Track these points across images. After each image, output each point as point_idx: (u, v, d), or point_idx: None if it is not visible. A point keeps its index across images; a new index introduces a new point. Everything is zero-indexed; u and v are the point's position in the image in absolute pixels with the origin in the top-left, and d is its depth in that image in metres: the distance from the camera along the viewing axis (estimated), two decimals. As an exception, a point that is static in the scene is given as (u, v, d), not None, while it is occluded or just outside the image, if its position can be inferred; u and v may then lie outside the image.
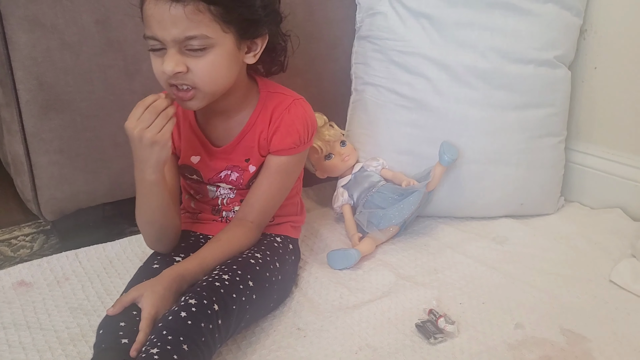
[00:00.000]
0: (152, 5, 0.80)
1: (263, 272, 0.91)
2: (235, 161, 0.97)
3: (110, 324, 0.78)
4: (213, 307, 0.78)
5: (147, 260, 0.95)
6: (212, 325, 0.76)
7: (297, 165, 0.99)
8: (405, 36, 1.21)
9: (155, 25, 0.81)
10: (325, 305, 0.98)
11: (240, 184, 0.99)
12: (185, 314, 0.75)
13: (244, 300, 0.84)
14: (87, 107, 1.08)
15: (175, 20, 0.80)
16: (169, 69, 0.82)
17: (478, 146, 1.19)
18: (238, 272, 0.86)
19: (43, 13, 1.00)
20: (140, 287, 0.80)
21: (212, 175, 0.99)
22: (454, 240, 1.19)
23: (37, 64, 1.02)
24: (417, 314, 0.94)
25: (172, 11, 0.79)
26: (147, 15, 0.82)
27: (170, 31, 0.80)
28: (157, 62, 0.85)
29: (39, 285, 1.04)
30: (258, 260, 0.92)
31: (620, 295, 0.99)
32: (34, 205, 1.11)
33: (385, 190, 1.19)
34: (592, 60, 1.28)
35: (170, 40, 0.81)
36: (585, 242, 1.16)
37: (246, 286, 0.85)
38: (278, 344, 0.89)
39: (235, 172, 0.98)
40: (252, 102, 0.96)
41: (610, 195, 1.29)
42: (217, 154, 0.97)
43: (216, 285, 0.82)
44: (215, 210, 1.04)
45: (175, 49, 0.82)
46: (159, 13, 0.80)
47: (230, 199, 1.02)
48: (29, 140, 1.05)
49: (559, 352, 0.85)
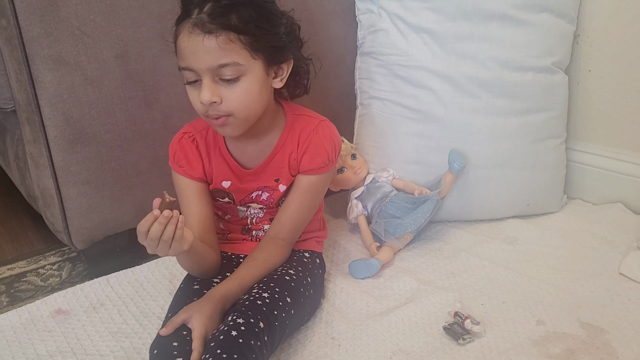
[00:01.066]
0: (186, 38, 0.86)
1: (297, 287, 0.96)
2: (266, 182, 1.02)
3: (163, 344, 0.82)
4: (259, 325, 0.83)
5: (186, 281, 1.00)
6: (259, 342, 0.81)
7: (325, 183, 1.04)
8: (408, 51, 1.26)
9: (189, 56, 0.87)
10: (354, 314, 1.03)
11: (270, 203, 1.04)
12: (235, 332, 0.80)
13: (284, 316, 0.89)
14: (111, 138, 1.12)
15: (208, 50, 0.85)
16: (205, 98, 0.87)
17: (484, 152, 1.25)
18: (276, 289, 0.91)
19: (66, 51, 1.04)
20: (189, 309, 0.85)
21: (244, 197, 1.04)
22: (466, 243, 1.24)
23: (62, 101, 1.06)
24: (443, 316, 1.00)
25: (205, 42, 0.85)
26: (181, 47, 0.87)
27: (204, 60, 0.86)
28: (194, 94, 0.90)
29: (76, 313, 1.08)
30: (292, 277, 0.97)
31: (631, 287, 1.05)
32: (65, 236, 1.15)
33: (398, 199, 1.24)
34: (586, 63, 1.34)
35: (205, 69, 0.86)
36: (591, 238, 1.22)
37: (285, 302, 0.90)
38: (315, 354, 0.94)
39: (266, 192, 1.03)
40: (280, 125, 1.01)
41: (610, 190, 1.36)
42: (248, 176, 1.02)
43: (258, 304, 0.87)
44: (245, 230, 1.09)
45: (209, 78, 0.87)
46: (193, 45, 0.86)
47: (260, 218, 1.07)
48: (58, 173, 1.09)
49: (581, 344, 0.91)
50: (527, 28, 1.22)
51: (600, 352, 0.89)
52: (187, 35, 0.86)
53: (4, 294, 1.20)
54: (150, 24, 1.11)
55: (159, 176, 1.20)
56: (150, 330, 1.02)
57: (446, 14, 1.22)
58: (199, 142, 1.01)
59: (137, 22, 1.09)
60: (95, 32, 1.05)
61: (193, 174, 1.01)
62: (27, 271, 1.29)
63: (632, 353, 0.88)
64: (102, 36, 1.07)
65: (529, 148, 1.26)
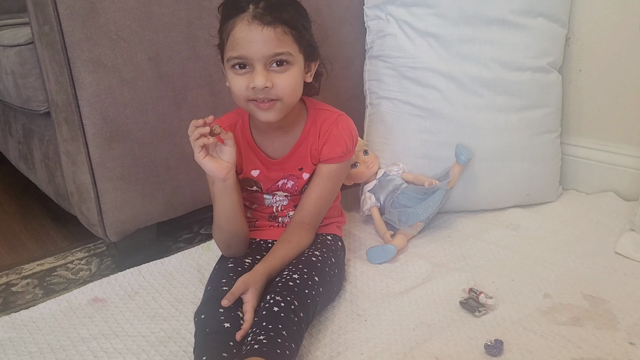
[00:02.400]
0: (245, 29, 0.94)
1: (323, 267, 1.05)
2: (291, 170, 1.11)
3: (210, 310, 0.91)
4: (294, 303, 0.92)
5: (220, 261, 1.09)
6: (297, 317, 0.90)
7: (344, 171, 1.13)
8: (415, 53, 1.36)
9: (246, 45, 0.95)
10: (376, 294, 1.11)
11: (295, 190, 1.12)
12: (277, 308, 0.89)
13: (314, 294, 0.97)
14: (143, 136, 1.20)
15: (267, 39, 0.94)
16: (260, 83, 0.95)
17: (487, 146, 1.34)
18: (305, 270, 1.00)
19: (104, 55, 1.11)
20: (247, 282, 0.94)
21: (271, 185, 1.12)
22: (473, 230, 1.34)
23: (100, 101, 1.13)
24: (458, 293, 1.08)
25: (264, 32, 0.94)
26: (237, 37, 0.95)
27: (261, 49, 0.94)
28: (240, 81, 0.98)
29: (113, 300, 1.15)
30: (318, 258, 1.06)
31: (626, 264, 1.15)
32: (100, 229, 1.22)
33: (409, 191, 1.33)
34: (577, 64, 1.45)
35: (261, 57, 0.95)
36: (587, 223, 1.32)
37: (314, 281, 0.99)
38: (344, 328, 1.01)
39: (291, 180, 1.11)
40: (303, 118, 1.10)
41: (602, 180, 1.46)
42: (275, 166, 1.10)
43: (290, 285, 0.95)
44: (272, 217, 1.17)
45: (262, 66, 0.95)
46: (252, 35, 0.94)
47: (284, 205, 1.16)
48: (95, 169, 1.16)
49: (585, 312, 1.00)
50: (524, 31, 1.32)
51: (602, 318, 0.98)
52: (247, 26, 0.94)
53: (37, 287, 1.27)
54: (180, 29, 1.19)
55: (186, 172, 1.28)
56: (186, 314, 1.08)
57: (450, 19, 1.32)
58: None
59: (168, 28, 1.18)
60: (130, 36, 1.13)
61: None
62: (57, 266, 1.36)
63: (631, 318, 0.98)
64: (136, 40, 1.14)
65: (528, 142, 1.36)
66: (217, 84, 1.26)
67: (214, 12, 1.12)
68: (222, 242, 1.08)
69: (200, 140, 0.94)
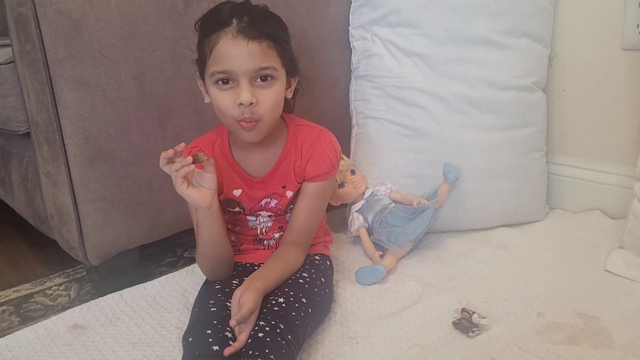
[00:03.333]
0: (229, 43, 0.93)
1: (312, 288, 1.02)
2: (273, 189, 1.08)
3: (198, 333, 0.88)
4: (280, 326, 0.89)
5: (207, 283, 1.06)
6: (284, 340, 0.87)
7: (330, 188, 1.12)
8: (401, 73, 1.36)
9: (231, 59, 0.93)
10: (367, 315, 1.09)
11: (279, 209, 1.10)
12: (262, 334, 0.87)
13: (302, 315, 0.95)
14: (126, 156, 1.17)
15: (252, 53, 0.93)
16: (246, 99, 0.93)
17: (474, 165, 1.34)
18: (291, 293, 0.98)
19: (88, 73, 1.09)
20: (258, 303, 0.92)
21: (254, 205, 1.09)
22: (462, 250, 1.32)
23: (83, 120, 1.10)
24: (450, 313, 1.06)
25: (249, 46, 0.92)
26: (221, 52, 0.93)
27: (247, 63, 0.93)
28: (226, 97, 0.95)
29: (93, 326, 1.10)
30: (306, 279, 1.04)
31: (617, 281, 1.14)
32: (80, 252, 1.18)
33: (397, 210, 1.32)
34: (560, 84, 1.47)
35: (246, 71, 0.93)
36: (577, 241, 1.32)
37: (301, 303, 0.97)
38: (335, 352, 0.98)
39: (274, 199, 1.09)
40: (283, 135, 1.08)
41: (587, 199, 1.46)
42: (256, 184, 1.07)
43: (276, 310, 0.93)
44: (257, 240, 1.14)
45: (247, 81, 0.93)
46: (237, 49, 0.92)
47: (269, 227, 1.13)
48: (77, 190, 1.13)
49: (580, 331, 0.99)
50: (508, 51, 1.33)
51: (597, 337, 0.97)
52: (232, 40, 0.92)
53: (13, 314, 1.22)
54: (165, 48, 1.18)
55: (170, 193, 1.24)
56: (170, 340, 1.05)
57: (435, 40, 1.33)
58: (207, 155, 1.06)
59: (152, 46, 1.16)
60: (114, 55, 1.12)
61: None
62: (34, 292, 1.31)
63: (627, 336, 0.97)
64: (121, 59, 1.13)
65: (515, 160, 1.36)
66: (202, 103, 1.23)
67: (200, 30, 1.11)
68: (206, 268, 1.06)
69: (182, 170, 0.89)
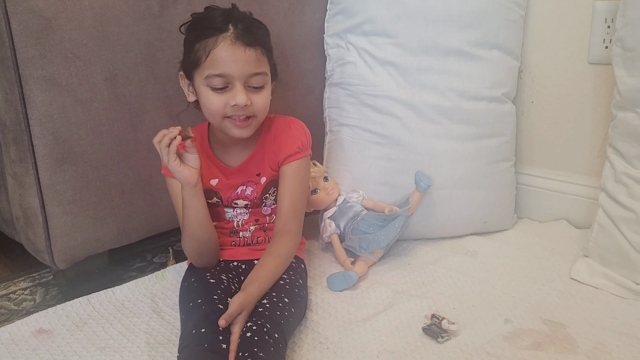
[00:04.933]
0: (228, 48, 0.99)
1: (292, 289, 1.05)
2: (249, 176, 1.13)
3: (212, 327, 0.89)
4: (267, 325, 0.91)
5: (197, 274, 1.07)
6: (272, 339, 0.89)
7: (306, 169, 1.17)
8: (375, 82, 1.38)
9: (229, 64, 0.99)
10: (338, 321, 1.09)
11: (254, 198, 1.13)
12: (250, 334, 0.88)
13: (286, 315, 0.97)
14: (97, 158, 1.16)
15: (249, 59, 1.00)
16: (242, 101, 1.00)
17: (445, 173, 1.36)
18: (273, 294, 1.01)
19: (58, 73, 1.08)
20: (243, 305, 0.93)
21: (230, 193, 1.12)
22: (432, 257, 1.34)
23: (52, 120, 1.09)
24: (420, 319, 1.07)
25: (247, 52, 1.00)
26: (220, 56, 0.99)
27: (243, 68, 1.00)
28: (218, 98, 1.02)
29: (59, 331, 1.08)
30: (286, 281, 1.06)
31: (582, 289, 1.17)
32: (47, 255, 1.15)
33: (369, 217, 1.33)
34: (529, 95, 1.50)
35: (242, 75, 1.00)
36: (543, 250, 1.34)
37: (284, 303, 0.99)
38: (305, 357, 0.98)
39: (250, 187, 1.13)
40: (259, 128, 1.12)
41: (554, 209, 1.50)
42: (233, 173, 1.12)
43: (260, 310, 0.95)
44: (233, 232, 1.16)
45: (242, 85, 1.00)
46: (235, 54, 0.99)
47: (245, 220, 1.16)
48: (44, 192, 1.11)
49: (545, 337, 1.01)
50: (480, 62, 1.36)
51: (562, 342, 0.99)
52: (230, 46, 0.98)
53: (-25, 319, 1.18)
54: (139, 50, 1.17)
55: (141, 197, 1.23)
56: (139, 345, 1.03)
57: (409, 49, 1.35)
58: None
59: (126, 48, 1.15)
60: (86, 55, 1.10)
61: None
62: (-3, 296, 1.28)
63: (590, 342, 0.99)
64: (93, 60, 1.11)
65: (484, 170, 1.39)
66: (176, 106, 1.23)
67: (176, 34, 1.11)
68: (194, 251, 1.08)
69: (174, 144, 0.95)
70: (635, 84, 1.14)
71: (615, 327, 1.03)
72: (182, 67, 1.07)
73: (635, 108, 1.14)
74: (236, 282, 1.08)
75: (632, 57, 1.14)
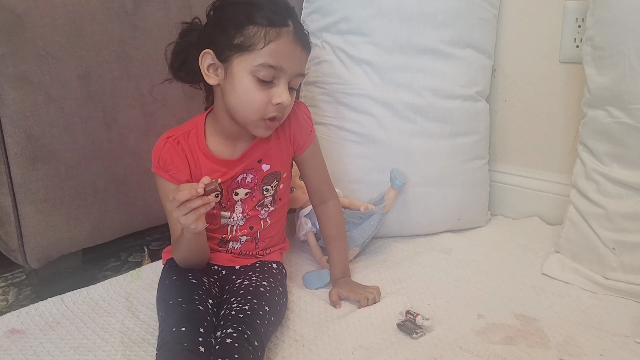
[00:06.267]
0: (288, 43, 0.95)
1: (272, 296, 1.04)
2: (250, 164, 1.08)
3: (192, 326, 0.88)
4: (247, 332, 0.90)
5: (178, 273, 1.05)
6: (251, 346, 0.89)
7: (318, 144, 1.19)
8: (350, 80, 1.38)
9: (287, 59, 0.96)
10: (314, 319, 1.09)
11: (255, 185, 1.09)
12: (229, 340, 0.88)
13: (266, 323, 0.97)
14: (70, 157, 1.15)
15: (302, 59, 0.99)
16: (288, 100, 0.97)
17: (420, 171, 1.37)
18: (254, 301, 1.00)
19: (30, 71, 1.07)
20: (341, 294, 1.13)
21: (231, 183, 1.08)
22: (407, 254, 1.35)
23: (25, 118, 1.07)
24: (395, 316, 1.08)
25: (302, 53, 0.99)
26: (281, 49, 0.95)
27: (296, 66, 0.98)
28: (262, 94, 0.96)
29: (32, 331, 1.07)
30: (266, 288, 1.05)
31: (553, 284, 1.19)
32: (20, 254, 1.14)
33: (345, 216, 1.32)
34: (502, 94, 1.53)
35: (292, 73, 0.97)
36: (515, 246, 1.37)
37: (264, 311, 0.98)
38: (281, 355, 0.99)
39: (250, 174, 1.09)
40: None
41: (527, 206, 1.52)
42: (234, 163, 1.07)
43: (241, 317, 0.95)
44: (222, 242, 1.13)
45: (286, 82, 0.97)
46: (293, 51, 0.96)
47: (240, 226, 1.12)
48: (17, 190, 1.10)
49: (517, 332, 1.03)
50: (454, 61, 1.37)
51: (534, 336, 1.01)
52: (292, 42, 0.96)
53: (-54, 320, 1.16)
54: (112, 48, 1.16)
55: (115, 196, 1.23)
56: (113, 344, 1.03)
57: (384, 48, 1.36)
58: (183, 145, 1.04)
59: (99, 46, 1.14)
60: (59, 53, 1.09)
61: (180, 178, 1.03)
62: (-31, 297, 1.26)
63: (560, 336, 1.01)
64: (65, 57, 1.10)
65: (458, 167, 1.40)
66: (150, 105, 1.23)
67: (149, 32, 1.11)
68: (184, 265, 1.07)
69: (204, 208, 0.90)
70: (604, 82, 1.16)
71: (585, 321, 1.06)
72: (211, 43, 0.97)
73: (605, 106, 1.17)
74: (216, 286, 1.06)
75: (601, 56, 1.16)
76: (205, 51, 0.97)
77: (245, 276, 1.08)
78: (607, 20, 1.14)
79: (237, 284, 1.06)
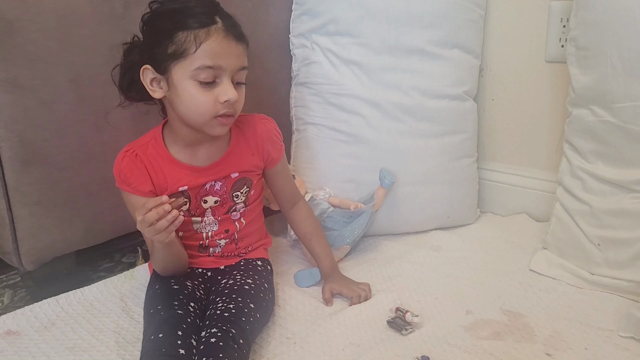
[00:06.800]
0: (220, 40, 0.94)
1: (257, 294, 1.05)
2: (220, 174, 1.08)
3: (168, 332, 0.89)
4: (232, 331, 0.91)
5: (161, 282, 1.06)
6: (236, 344, 0.90)
7: (285, 155, 1.21)
8: (339, 80, 1.40)
9: (222, 56, 0.94)
10: (305, 317, 1.11)
11: (224, 192, 1.09)
12: (214, 339, 0.89)
13: (252, 321, 0.98)
14: (62, 160, 1.16)
15: (238, 53, 0.97)
16: (234, 96, 0.96)
17: (409, 170, 1.39)
18: (239, 299, 1.01)
19: (21, 75, 1.07)
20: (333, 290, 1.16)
21: (199, 190, 1.07)
22: (397, 252, 1.37)
23: (17, 122, 1.08)
24: (385, 313, 1.10)
25: (237, 46, 0.97)
26: (211, 48, 0.93)
27: (234, 62, 0.96)
28: (207, 96, 0.96)
29: (27, 332, 1.08)
30: (251, 286, 1.06)
31: (540, 280, 1.21)
32: (15, 257, 1.15)
33: (335, 215, 1.35)
34: (490, 93, 1.55)
35: (232, 69, 0.96)
36: (504, 243, 1.39)
37: (249, 309, 0.99)
38: (273, 352, 1.01)
39: (219, 182, 1.08)
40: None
41: (515, 203, 1.55)
42: (203, 172, 1.06)
43: (226, 315, 0.95)
44: (202, 248, 1.13)
45: (229, 79, 0.96)
46: (226, 47, 0.95)
47: (215, 231, 1.12)
48: (11, 194, 1.11)
49: (505, 327, 1.05)
50: (441, 61, 1.39)
51: (521, 332, 1.03)
52: (223, 38, 0.94)
53: (-59, 323, 1.17)
54: (102, 52, 1.17)
55: (107, 197, 1.24)
56: (107, 344, 1.04)
57: (372, 49, 1.37)
58: (142, 157, 1.04)
59: (89, 50, 1.15)
60: (50, 57, 1.10)
61: (143, 189, 1.03)
62: (-37, 300, 1.27)
63: (547, 331, 1.03)
64: (56, 61, 1.11)
65: (447, 166, 1.42)
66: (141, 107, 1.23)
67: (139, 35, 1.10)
68: (163, 273, 1.08)
69: (174, 224, 0.91)
70: (587, 82, 1.19)
71: (571, 316, 1.08)
72: (148, 58, 0.97)
73: (589, 105, 1.19)
74: (201, 288, 1.07)
75: (584, 56, 1.19)
76: (144, 67, 0.98)
77: (230, 275, 1.09)
78: (590, 21, 1.16)
79: (222, 283, 1.07)
